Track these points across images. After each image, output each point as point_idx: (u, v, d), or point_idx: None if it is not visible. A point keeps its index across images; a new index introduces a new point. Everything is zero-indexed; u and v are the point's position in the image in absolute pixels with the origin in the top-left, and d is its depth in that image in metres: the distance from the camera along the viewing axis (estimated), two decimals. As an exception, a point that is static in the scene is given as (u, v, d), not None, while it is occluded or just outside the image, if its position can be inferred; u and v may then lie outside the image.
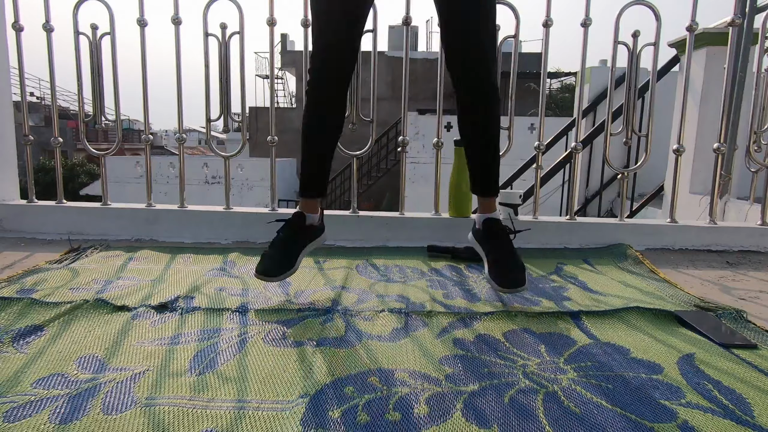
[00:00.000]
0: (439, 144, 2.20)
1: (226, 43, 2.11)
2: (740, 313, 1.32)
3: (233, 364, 1.02)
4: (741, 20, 2.66)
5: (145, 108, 2.19)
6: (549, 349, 1.12)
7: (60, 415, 0.84)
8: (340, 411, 0.86)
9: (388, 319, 1.28)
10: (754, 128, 2.23)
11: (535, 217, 2.19)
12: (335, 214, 2.18)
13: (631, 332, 1.22)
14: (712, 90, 3.49)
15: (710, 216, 2.21)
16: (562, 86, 16.78)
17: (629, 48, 2.11)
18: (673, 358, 1.09)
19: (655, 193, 4.40)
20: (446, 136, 2.10)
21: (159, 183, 11.53)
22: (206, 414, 0.85)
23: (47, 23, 2.10)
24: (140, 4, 2.10)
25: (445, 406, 0.88)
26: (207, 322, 1.24)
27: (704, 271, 1.85)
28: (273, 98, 2.29)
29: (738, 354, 1.11)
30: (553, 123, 7.69)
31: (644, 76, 3.51)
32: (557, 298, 1.46)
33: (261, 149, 13.47)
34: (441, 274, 1.68)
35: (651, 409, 0.88)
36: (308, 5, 2.09)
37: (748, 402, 0.91)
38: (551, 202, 5.17)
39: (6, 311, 1.25)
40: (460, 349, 1.11)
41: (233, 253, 1.85)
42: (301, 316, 1.29)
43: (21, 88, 2.18)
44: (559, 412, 0.87)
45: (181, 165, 2.28)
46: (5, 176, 2.26)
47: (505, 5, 2.08)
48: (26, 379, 0.95)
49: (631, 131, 2.18)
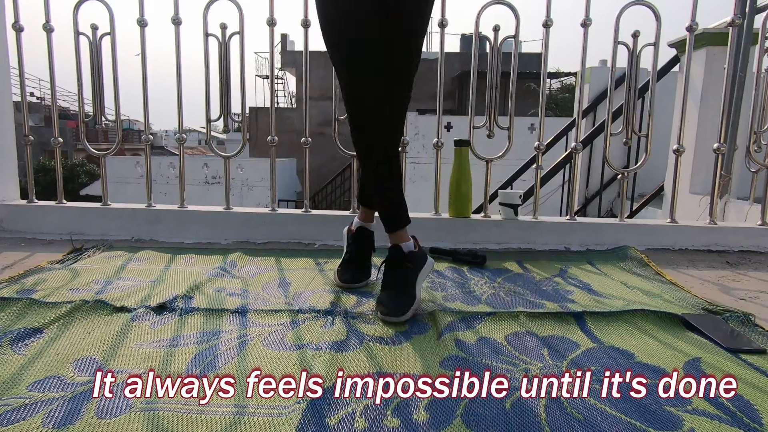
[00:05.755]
0: (439, 144, 2.20)
1: (226, 44, 2.11)
2: (748, 316, 1.31)
3: (231, 367, 1.02)
4: (741, 20, 2.66)
5: (145, 108, 2.18)
6: (552, 353, 1.11)
7: (54, 419, 0.83)
8: (337, 417, 0.85)
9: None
10: (754, 128, 2.22)
11: (535, 217, 2.18)
12: (335, 214, 2.18)
13: (635, 335, 1.21)
14: (712, 90, 3.48)
15: (710, 216, 2.21)
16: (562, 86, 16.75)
17: (629, 48, 2.10)
18: (679, 362, 1.07)
19: (655, 193, 4.39)
20: (446, 136, 2.10)
21: (159, 183, 11.51)
22: (201, 419, 0.84)
23: (47, 23, 2.10)
24: (140, 4, 2.09)
25: (445, 412, 0.87)
26: (206, 323, 1.23)
27: (704, 271, 1.85)
28: (273, 98, 2.28)
29: (746, 359, 1.09)
30: (553, 123, 7.68)
31: (644, 76, 3.50)
32: (561, 300, 1.45)
33: (261, 149, 13.45)
34: (443, 276, 1.67)
35: (656, 416, 0.87)
36: (308, 5, 2.09)
37: (756, 408, 0.90)
38: (551, 202, 5.16)
39: (5, 312, 1.24)
40: (462, 352, 1.10)
41: (235, 254, 1.84)
42: (302, 318, 1.28)
43: (21, 88, 2.17)
44: (562, 419, 0.86)
45: (181, 165, 2.27)
46: (5, 176, 2.26)
47: (505, 5, 2.08)
48: (22, 381, 0.94)
49: (631, 131, 2.18)
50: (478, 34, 2.11)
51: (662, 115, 3.67)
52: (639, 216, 4.36)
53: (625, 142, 2.24)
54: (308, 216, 2.16)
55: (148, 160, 2.21)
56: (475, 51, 2.15)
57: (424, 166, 9.68)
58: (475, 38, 2.12)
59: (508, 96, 2.18)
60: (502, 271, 1.75)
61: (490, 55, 2.11)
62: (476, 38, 2.12)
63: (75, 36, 2.10)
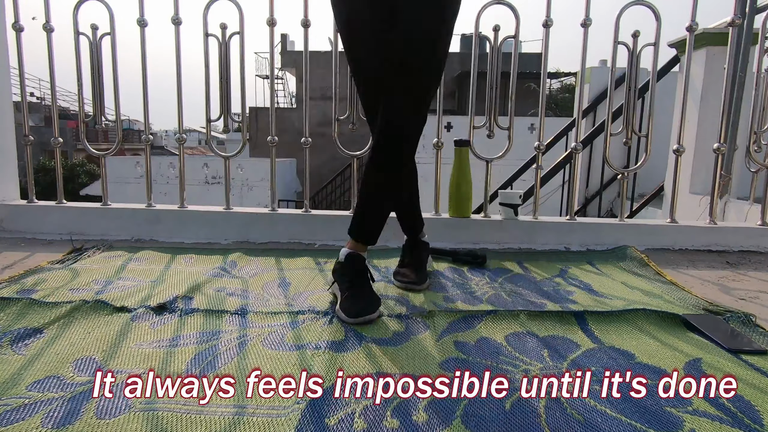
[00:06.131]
0: (439, 144, 2.20)
1: (226, 44, 2.11)
2: (749, 317, 1.31)
3: (231, 367, 1.02)
4: (741, 20, 2.65)
5: (145, 108, 2.18)
6: (552, 354, 1.11)
7: (53, 419, 0.83)
8: (336, 418, 0.85)
9: (388, 321, 1.27)
10: (754, 128, 2.22)
11: (535, 218, 2.18)
12: (335, 214, 2.18)
13: (636, 336, 1.21)
14: (712, 90, 3.48)
15: (710, 216, 2.21)
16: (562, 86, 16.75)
17: (629, 48, 2.10)
18: (680, 363, 1.07)
19: (655, 193, 4.39)
20: (446, 136, 2.10)
21: (159, 183, 11.50)
22: (200, 419, 0.84)
23: (47, 23, 2.10)
24: (140, 4, 2.09)
25: (444, 413, 0.87)
26: (206, 324, 1.23)
27: (704, 271, 1.85)
28: (273, 98, 2.28)
29: (746, 359, 1.09)
30: (553, 123, 7.67)
31: (644, 76, 3.50)
32: (562, 300, 1.45)
33: (261, 149, 13.45)
34: (443, 276, 1.67)
35: (657, 417, 0.87)
36: (308, 5, 2.09)
37: (757, 409, 0.90)
38: (551, 202, 5.16)
39: (5, 312, 1.24)
40: (462, 353, 1.10)
41: (235, 254, 1.84)
42: (301, 318, 1.28)
43: (21, 88, 2.17)
44: (562, 420, 0.86)
45: (181, 165, 2.27)
46: (5, 176, 2.26)
47: (505, 5, 2.07)
48: (22, 381, 0.94)
49: (631, 131, 2.18)
50: (478, 34, 2.11)
51: (662, 115, 3.67)
52: (639, 216, 4.36)
53: (625, 142, 2.23)
54: (308, 216, 2.16)
55: (148, 160, 2.21)
56: (475, 51, 2.15)
57: (424, 166, 9.63)
58: (475, 38, 2.12)
59: (508, 96, 2.18)
60: (503, 271, 1.75)
61: (490, 55, 2.11)
62: (476, 38, 2.12)
63: (75, 36, 2.10)
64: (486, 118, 2.16)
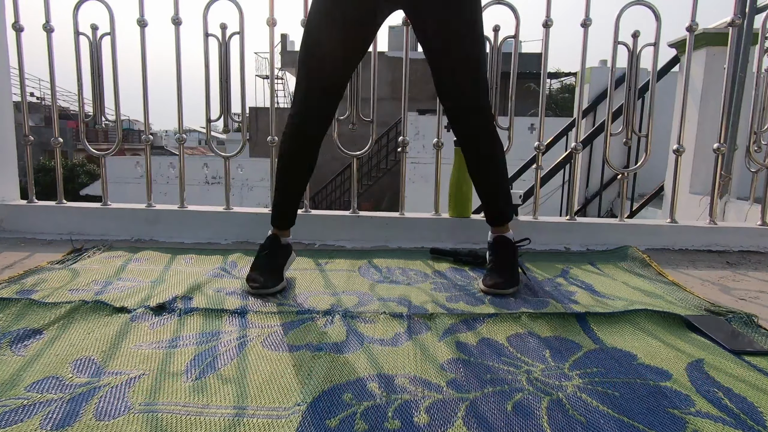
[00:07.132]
0: (439, 144, 2.20)
1: (226, 44, 2.10)
2: (751, 317, 1.30)
3: (231, 368, 1.01)
4: (741, 20, 2.66)
5: (145, 108, 2.18)
6: (554, 355, 1.10)
7: (52, 421, 0.83)
8: (337, 419, 0.85)
9: (389, 322, 1.27)
10: (754, 128, 2.22)
11: (535, 218, 2.18)
12: (335, 214, 2.18)
13: (638, 337, 1.20)
14: (712, 90, 3.48)
15: (710, 216, 2.21)
16: (562, 86, 16.77)
17: (629, 48, 2.10)
18: (682, 364, 1.06)
19: (655, 193, 4.39)
20: (446, 137, 2.09)
21: (159, 183, 11.52)
22: (200, 421, 0.84)
23: (47, 23, 2.10)
24: (140, 4, 2.09)
25: (446, 414, 0.87)
26: (206, 324, 1.23)
27: (704, 271, 1.84)
28: (273, 98, 2.28)
29: (749, 360, 1.09)
30: (553, 123, 7.68)
31: (644, 76, 3.50)
32: (564, 300, 1.44)
33: (261, 149, 13.45)
34: (444, 277, 1.67)
35: (659, 418, 0.86)
36: (308, 5, 2.09)
37: (760, 411, 0.89)
38: (551, 203, 5.17)
39: (5, 312, 1.24)
40: (463, 354, 1.10)
41: (235, 254, 1.84)
42: (301, 318, 1.28)
43: (21, 88, 2.17)
44: (564, 421, 0.86)
45: (181, 165, 2.27)
46: (5, 176, 2.26)
47: (505, 5, 2.07)
48: (21, 382, 0.94)
49: (631, 131, 2.18)
50: (479, 34, 2.10)
51: (662, 115, 3.67)
52: (639, 216, 4.36)
53: (625, 142, 2.23)
54: (308, 216, 2.15)
55: (148, 160, 2.21)
56: (475, 51, 2.15)
57: (425, 167, 9.68)
58: (476, 38, 2.12)
59: (508, 96, 2.18)
60: (503, 271, 1.74)
61: (490, 55, 2.11)
62: (476, 38, 2.12)
63: (75, 36, 2.09)
64: (486, 118, 2.16)
